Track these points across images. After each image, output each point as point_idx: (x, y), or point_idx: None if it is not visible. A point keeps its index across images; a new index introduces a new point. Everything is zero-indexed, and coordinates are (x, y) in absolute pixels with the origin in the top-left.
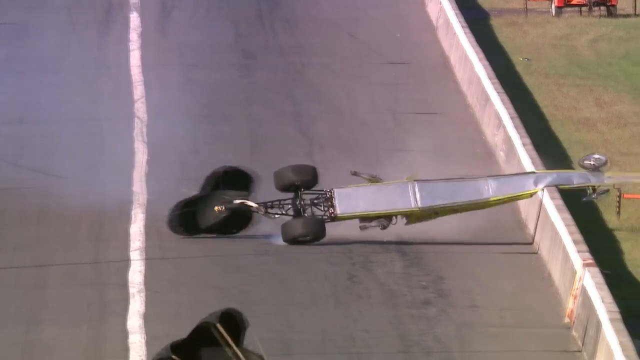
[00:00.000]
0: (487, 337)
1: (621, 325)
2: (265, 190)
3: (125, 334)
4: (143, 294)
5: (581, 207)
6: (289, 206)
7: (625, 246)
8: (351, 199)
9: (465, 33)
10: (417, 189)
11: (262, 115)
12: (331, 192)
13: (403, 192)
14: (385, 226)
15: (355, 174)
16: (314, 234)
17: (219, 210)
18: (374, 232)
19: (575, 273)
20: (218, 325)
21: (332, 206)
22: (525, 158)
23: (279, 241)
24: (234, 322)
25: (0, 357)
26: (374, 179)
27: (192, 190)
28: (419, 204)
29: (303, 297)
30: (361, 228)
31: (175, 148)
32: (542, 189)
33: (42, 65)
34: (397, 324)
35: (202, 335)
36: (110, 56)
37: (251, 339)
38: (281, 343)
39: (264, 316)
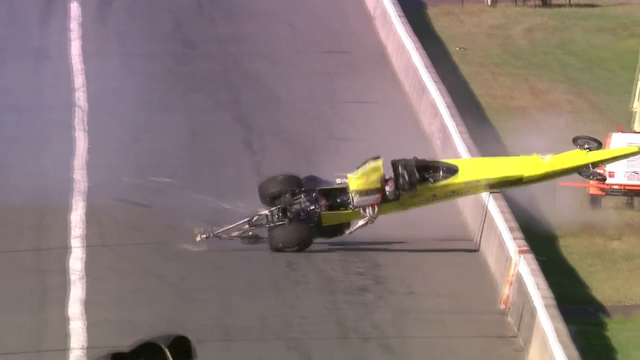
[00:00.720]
0: (424, 323)
1: (555, 311)
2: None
3: (65, 320)
4: (84, 281)
5: (517, 194)
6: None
7: (560, 233)
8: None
9: (401, 23)
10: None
11: (201, 104)
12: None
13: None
14: (374, 219)
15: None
16: (299, 242)
17: (200, 238)
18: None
19: (511, 260)
20: (166, 350)
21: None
22: (461, 146)
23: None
24: (184, 348)
25: None
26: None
27: (133, 179)
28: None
29: (242, 284)
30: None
31: (115, 136)
32: None
33: None
34: (335, 310)
35: (146, 353)
36: (50, 45)
37: None
38: (221, 329)
39: (204, 303)
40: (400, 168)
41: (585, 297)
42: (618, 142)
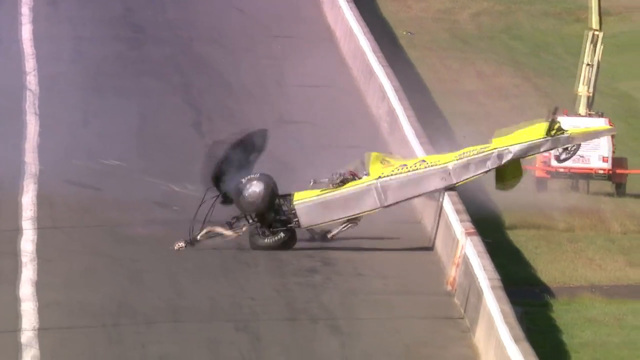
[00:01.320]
0: (372, 305)
1: (502, 293)
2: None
3: (17, 301)
4: (35, 263)
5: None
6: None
7: (506, 215)
8: (312, 212)
9: (349, 7)
10: (380, 190)
11: (151, 88)
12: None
13: (368, 195)
14: (356, 224)
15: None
16: (285, 246)
17: (179, 247)
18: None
19: (457, 242)
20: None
21: (296, 219)
22: (409, 129)
23: None
24: None
25: None
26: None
27: (84, 162)
28: (385, 203)
29: (192, 267)
30: (331, 238)
31: (66, 120)
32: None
33: None
34: (284, 292)
35: None
36: (1, 29)
37: None
38: (170, 310)
39: (154, 284)
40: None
41: (531, 279)
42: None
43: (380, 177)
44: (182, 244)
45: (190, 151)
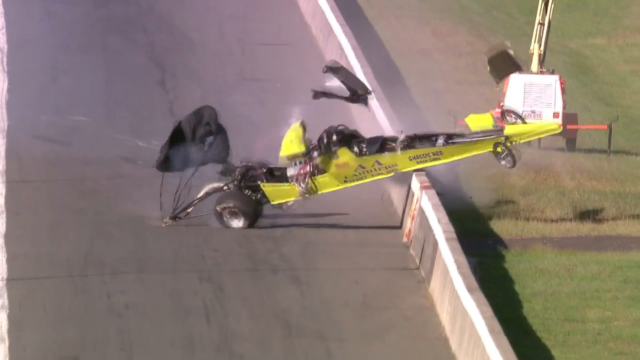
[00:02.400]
0: (331, 256)
1: (456, 244)
2: None
3: None
4: (3, 216)
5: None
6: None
7: (460, 169)
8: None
9: None
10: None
11: (117, 46)
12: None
13: None
14: (308, 192)
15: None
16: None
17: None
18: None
19: (413, 195)
20: None
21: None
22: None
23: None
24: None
25: None
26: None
27: (51, 117)
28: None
29: (156, 218)
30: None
31: (34, 77)
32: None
33: None
34: (245, 244)
35: None
36: None
37: None
38: (136, 262)
39: (118, 236)
40: (324, 133)
41: (484, 231)
42: (516, 82)
43: (345, 181)
44: (168, 220)
45: (155, 108)
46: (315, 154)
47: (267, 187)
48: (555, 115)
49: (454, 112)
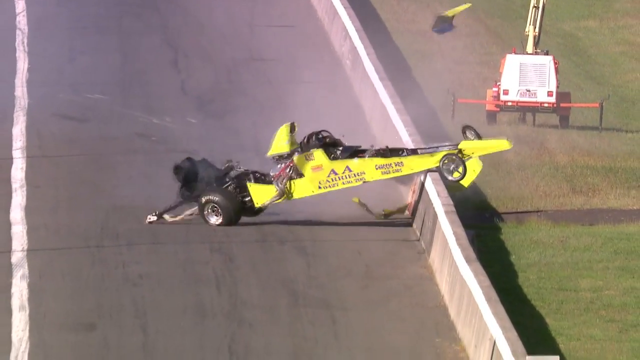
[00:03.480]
0: (335, 228)
1: (455, 217)
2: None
3: (8, 224)
4: (24, 189)
5: (419, 110)
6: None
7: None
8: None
9: None
10: None
11: (132, 28)
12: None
13: None
14: (285, 194)
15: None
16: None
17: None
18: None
19: None
20: None
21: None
22: (369, 66)
23: None
24: None
25: None
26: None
27: (69, 95)
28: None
29: (169, 193)
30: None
31: (53, 57)
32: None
33: None
34: (254, 217)
35: None
36: None
37: None
38: (150, 233)
39: (134, 209)
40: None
41: (482, 204)
42: (512, 62)
43: (318, 188)
44: (152, 217)
45: (168, 86)
46: (296, 155)
47: (253, 187)
48: (549, 94)
49: (453, 90)
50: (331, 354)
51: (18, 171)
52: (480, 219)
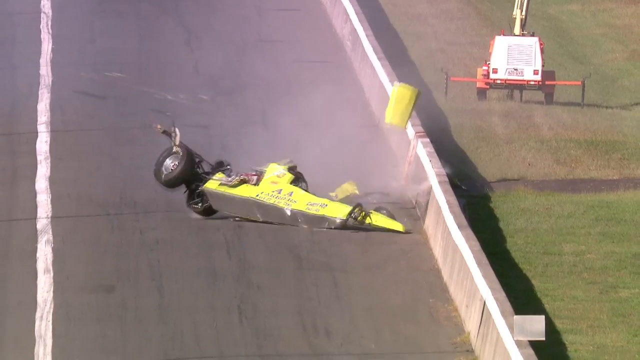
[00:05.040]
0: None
1: (448, 187)
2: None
3: (33, 194)
4: (49, 161)
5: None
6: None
7: (451, 120)
8: (214, 199)
9: None
10: (255, 206)
11: (148, 11)
12: None
13: (248, 205)
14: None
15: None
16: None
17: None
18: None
19: (410, 143)
20: None
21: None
22: (368, 47)
23: None
24: None
25: None
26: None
27: (90, 74)
28: (260, 219)
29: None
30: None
31: (75, 38)
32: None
33: None
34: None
35: None
36: None
37: None
38: (165, 202)
39: (149, 179)
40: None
41: (472, 174)
42: (500, 43)
43: (257, 195)
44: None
45: (182, 65)
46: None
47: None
48: (535, 72)
49: (446, 69)
50: (333, 313)
51: (43, 144)
52: (471, 188)
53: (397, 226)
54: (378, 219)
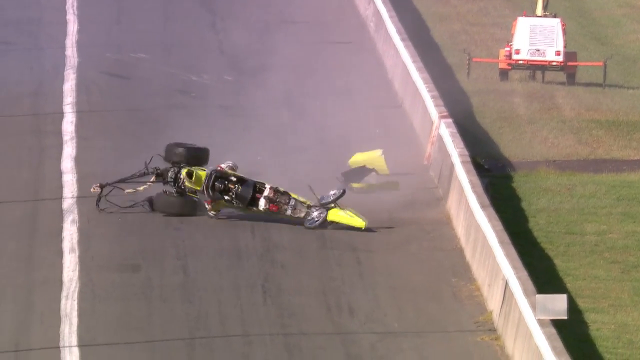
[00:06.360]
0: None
1: (470, 167)
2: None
3: (59, 173)
4: (74, 141)
5: (439, 69)
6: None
7: (474, 101)
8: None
9: None
10: None
11: None
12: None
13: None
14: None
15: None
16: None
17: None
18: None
19: (433, 123)
20: None
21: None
22: (391, 28)
23: None
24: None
25: None
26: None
27: (115, 55)
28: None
29: (206, 144)
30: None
31: (100, 19)
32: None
33: None
34: (287, 170)
35: None
36: None
37: None
38: None
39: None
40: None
41: (495, 155)
42: (522, 24)
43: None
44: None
45: (206, 47)
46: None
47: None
48: (557, 53)
49: (468, 50)
50: (356, 292)
51: (68, 124)
52: (493, 168)
53: (358, 222)
54: (337, 216)
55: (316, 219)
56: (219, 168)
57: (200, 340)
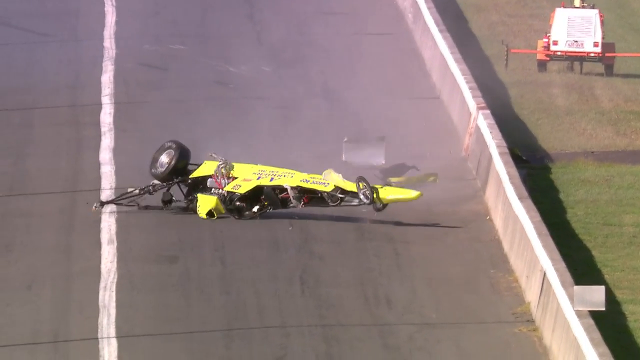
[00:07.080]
0: (398, 168)
1: (508, 158)
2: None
3: (97, 165)
4: (112, 132)
5: (474, 59)
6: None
7: (512, 92)
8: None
9: None
10: None
11: None
12: None
13: None
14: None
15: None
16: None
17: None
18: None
19: (471, 114)
20: None
21: None
22: (429, 19)
23: None
24: None
25: None
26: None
27: (153, 46)
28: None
29: (244, 136)
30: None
31: (138, 11)
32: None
33: None
34: (324, 163)
35: None
36: None
37: None
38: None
39: (209, 149)
40: None
41: (533, 146)
42: (561, 16)
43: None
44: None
45: (244, 38)
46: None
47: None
48: (595, 44)
49: (506, 42)
50: (394, 283)
51: (107, 116)
52: (531, 160)
53: (412, 194)
54: (388, 192)
55: (366, 199)
56: (220, 189)
57: (238, 331)
